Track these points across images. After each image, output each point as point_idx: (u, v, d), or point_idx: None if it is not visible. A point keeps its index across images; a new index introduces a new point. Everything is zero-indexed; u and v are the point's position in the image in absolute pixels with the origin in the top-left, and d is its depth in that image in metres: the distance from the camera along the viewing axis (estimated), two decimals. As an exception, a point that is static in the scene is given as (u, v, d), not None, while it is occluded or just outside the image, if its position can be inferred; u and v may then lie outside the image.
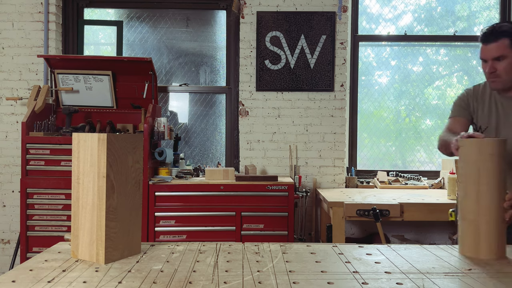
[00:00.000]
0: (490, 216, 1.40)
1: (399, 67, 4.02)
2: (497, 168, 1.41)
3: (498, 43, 1.71)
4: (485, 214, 1.41)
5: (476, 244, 1.42)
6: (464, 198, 1.45)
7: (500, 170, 1.41)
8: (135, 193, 1.41)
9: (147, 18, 3.92)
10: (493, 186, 1.41)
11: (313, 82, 3.70)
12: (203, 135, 3.95)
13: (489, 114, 1.84)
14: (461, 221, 1.46)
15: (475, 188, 1.42)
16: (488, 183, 1.41)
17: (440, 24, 4.00)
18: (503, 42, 1.71)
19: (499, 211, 1.41)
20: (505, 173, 1.42)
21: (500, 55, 1.72)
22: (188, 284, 1.13)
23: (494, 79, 1.76)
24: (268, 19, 3.70)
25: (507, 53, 1.71)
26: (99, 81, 3.48)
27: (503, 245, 1.43)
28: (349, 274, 1.23)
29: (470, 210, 1.43)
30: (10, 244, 3.60)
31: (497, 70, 1.73)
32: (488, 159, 1.41)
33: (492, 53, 1.72)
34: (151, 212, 3.14)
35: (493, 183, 1.41)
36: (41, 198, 3.14)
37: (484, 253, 1.40)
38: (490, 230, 1.41)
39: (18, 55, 3.62)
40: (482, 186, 1.41)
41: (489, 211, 1.41)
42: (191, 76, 3.95)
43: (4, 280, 1.14)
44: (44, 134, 3.18)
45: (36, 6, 3.61)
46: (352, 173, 3.79)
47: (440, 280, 1.18)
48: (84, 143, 1.34)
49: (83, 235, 1.34)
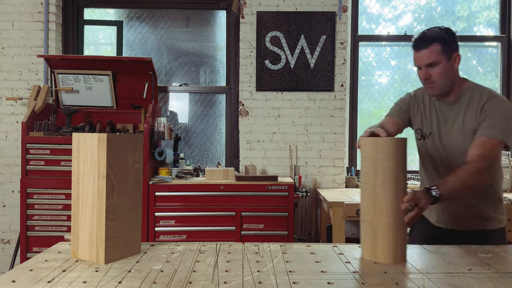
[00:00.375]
0: (386, 218, 1.33)
1: (399, 67, 4.02)
2: (394, 167, 1.33)
3: (429, 49, 1.65)
4: (381, 216, 1.33)
5: (373, 247, 1.35)
6: (363, 199, 1.39)
7: (399, 169, 1.34)
8: (135, 193, 1.41)
9: (147, 18, 3.92)
10: (390, 187, 1.33)
11: (313, 82, 3.70)
12: (203, 135, 3.95)
13: (430, 120, 1.80)
14: (361, 222, 1.40)
15: (372, 188, 1.35)
16: (384, 183, 1.33)
17: (440, 24, 3.99)
18: (435, 48, 1.65)
19: (396, 212, 1.33)
20: (404, 173, 1.37)
21: (433, 61, 1.66)
22: (188, 284, 1.13)
23: (430, 85, 1.71)
24: (268, 19, 3.70)
25: (440, 59, 1.66)
26: (99, 81, 3.48)
27: (402, 248, 1.35)
28: (349, 274, 1.23)
29: (367, 211, 1.36)
30: (10, 244, 3.60)
31: (431, 76, 1.68)
32: (384, 158, 1.33)
33: (424, 60, 1.67)
34: (151, 212, 3.14)
35: (390, 183, 1.33)
36: (41, 198, 3.14)
37: (381, 257, 1.33)
38: (386, 233, 1.33)
39: (18, 55, 3.62)
40: (379, 186, 1.33)
41: (385, 213, 1.33)
42: (191, 76, 3.95)
43: (4, 280, 1.14)
44: (44, 134, 3.18)
45: (36, 6, 3.61)
46: (352, 173, 3.79)
47: (440, 280, 1.18)
48: (84, 143, 1.34)
49: (83, 235, 1.34)
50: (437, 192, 1.44)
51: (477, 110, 1.68)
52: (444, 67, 1.67)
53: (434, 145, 1.78)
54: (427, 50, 1.66)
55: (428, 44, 1.66)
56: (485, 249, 1.49)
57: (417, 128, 1.86)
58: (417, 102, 1.86)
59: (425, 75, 1.69)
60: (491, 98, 1.68)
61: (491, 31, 3.99)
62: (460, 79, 1.77)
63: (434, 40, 1.66)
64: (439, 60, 1.66)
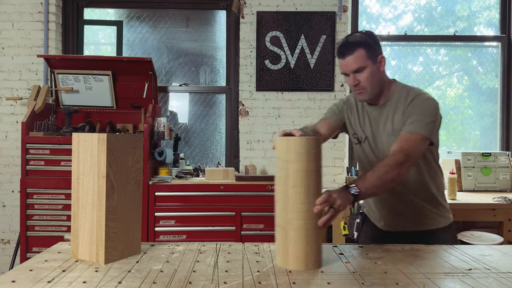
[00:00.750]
0: (297, 222, 1.26)
1: (399, 67, 4.02)
2: (306, 169, 1.26)
3: (354, 56, 1.63)
4: (292, 220, 1.26)
5: (285, 253, 1.28)
6: (276, 202, 1.32)
7: (311, 171, 1.27)
8: (135, 193, 1.41)
9: (147, 18, 3.91)
10: (301, 189, 1.26)
11: (313, 82, 3.70)
12: (203, 135, 3.95)
13: (364, 125, 1.79)
14: (275, 228, 1.33)
15: (284, 191, 1.28)
16: (296, 186, 1.26)
17: (440, 24, 4.00)
18: (359, 53, 1.63)
19: (308, 216, 1.26)
20: (318, 175, 1.31)
21: (359, 67, 1.64)
22: (188, 284, 1.13)
23: (359, 91, 1.69)
24: (268, 19, 3.70)
25: (366, 64, 1.64)
26: (99, 81, 3.48)
27: (315, 254, 1.28)
28: (349, 274, 1.22)
29: (280, 215, 1.30)
30: (10, 244, 3.60)
31: (360, 82, 1.66)
32: (295, 159, 1.27)
33: (351, 66, 1.65)
34: (151, 212, 3.14)
35: (301, 186, 1.26)
36: (41, 198, 3.13)
37: (292, 263, 1.27)
38: (297, 238, 1.26)
39: (18, 55, 3.62)
40: (290, 188, 1.27)
41: (296, 217, 1.26)
42: (191, 76, 3.95)
43: (4, 280, 1.14)
44: (44, 134, 3.18)
45: (36, 6, 3.61)
46: (352, 173, 3.79)
47: (440, 280, 1.17)
48: (84, 143, 1.34)
49: (83, 235, 1.34)
50: (356, 190, 1.40)
51: (403, 110, 1.67)
52: (371, 71, 1.65)
53: (371, 149, 1.77)
54: (352, 56, 1.63)
55: (352, 50, 1.63)
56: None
57: (353, 133, 1.85)
58: (350, 107, 1.85)
59: (354, 81, 1.66)
60: (416, 96, 1.67)
61: (491, 31, 3.99)
62: (388, 80, 1.76)
63: (357, 45, 1.64)
64: (366, 65, 1.64)
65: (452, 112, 4.05)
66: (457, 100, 4.07)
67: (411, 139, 1.57)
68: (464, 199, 3.14)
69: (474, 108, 4.05)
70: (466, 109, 4.06)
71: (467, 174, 3.53)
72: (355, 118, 1.83)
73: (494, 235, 3.00)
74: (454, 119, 4.05)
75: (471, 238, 2.94)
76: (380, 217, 1.82)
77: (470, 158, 3.54)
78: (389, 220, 1.80)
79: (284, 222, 1.28)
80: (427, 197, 1.75)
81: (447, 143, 4.05)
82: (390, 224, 1.80)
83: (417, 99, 1.66)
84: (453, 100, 4.07)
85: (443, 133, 4.06)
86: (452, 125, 4.07)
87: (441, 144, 4.03)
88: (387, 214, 1.80)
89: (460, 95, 4.08)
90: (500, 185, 3.52)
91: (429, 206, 1.75)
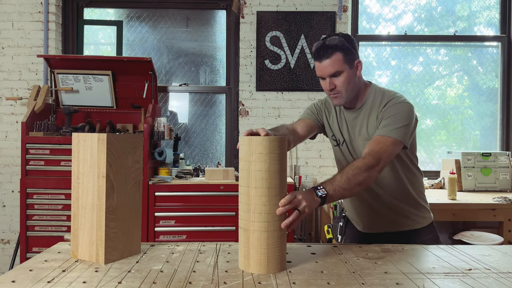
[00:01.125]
0: (258, 224, 1.23)
1: (399, 67, 4.02)
2: (268, 169, 1.23)
3: (331, 59, 1.60)
4: (254, 223, 1.23)
5: (246, 256, 1.25)
6: (239, 204, 1.28)
7: (274, 172, 1.24)
8: (135, 193, 1.41)
9: (147, 18, 3.91)
10: (262, 190, 1.23)
11: (313, 82, 3.70)
12: (203, 135, 3.95)
13: (341, 128, 1.79)
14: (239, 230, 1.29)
15: (247, 193, 1.25)
16: (258, 187, 1.23)
17: (440, 24, 4.00)
18: (337, 57, 1.60)
19: (269, 218, 1.23)
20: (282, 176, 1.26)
21: (336, 71, 1.61)
22: (188, 284, 1.13)
23: (335, 95, 1.66)
24: (268, 19, 3.70)
25: (343, 68, 1.61)
26: (99, 81, 3.48)
27: (277, 258, 1.24)
28: (349, 274, 1.22)
29: (242, 217, 1.26)
30: (10, 244, 3.60)
31: (336, 86, 1.64)
32: (257, 159, 1.23)
33: (327, 70, 1.61)
34: (151, 212, 3.14)
35: (263, 187, 1.23)
36: (41, 198, 3.13)
37: (253, 267, 1.23)
38: (258, 241, 1.23)
39: (18, 55, 3.62)
40: (252, 189, 1.24)
41: (257, 219, 1.23)
42: (191, 76, 3.95)
43: (4, 280, 1.14)
44: (44, 134, 3.18)
45: (36, 6, 3.61)
46: (352, 173, 3.78)
47: (440, 280, 1.17)
48: (84, 143, 1.34)
49: (83, 235, 1.34)
50: (324, 192, 1.36)
51: (377, 113, 1.66)
52: (347, 76, 1.63)
53: (349, 152, 1.77)
54: (329, 60, 1.60)
55: (330, 54, 1.60)
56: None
57: (331, 135, 1.84)
58: (328, 109, 1.84)
59: (330, 85, 1.64)
60: (389, 100, 1.65)
61: (491, 31, 3.99)
62: (365, 84, 1.75)
63: (335, 49, 1.60)
64: (342, 69, 1.62)
65: (452, 112, 4.05)
66: (457, 100, 4.07)
67: (383, 142, 1.55)
68: (464, 199, 3.14)
69: (474, 108, 4.05)
70: (466, 109, 4.06)
71: (467, 174, 3.53)
72: (334, 121, 1.81)
73: (494, 235, 3.00)
74: (454, 119, 4.05)
75: (471, 238, 2.94)
76: (358, 219, 1.83)
77: (470, 158, 3.54)
78: (367, 222, 1.80)
79: (245, 224, 1.25)
80: (405, 198, 1.74)
81: (447, 143, 4.05)
82: (369, 226, 1.80)
83: (390, 103, 1.65)
84: (453, 100, 4.07)
85: (443, 133, 4.06)
86: (452, 125, 4.06)
87: (441, 144, 4.03)
88: (365, 216, 1.80)
89: (460, 95, 4.08)
90: (500, 185, 3.52)
91: (408, 207, 1.75)
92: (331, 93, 1.67)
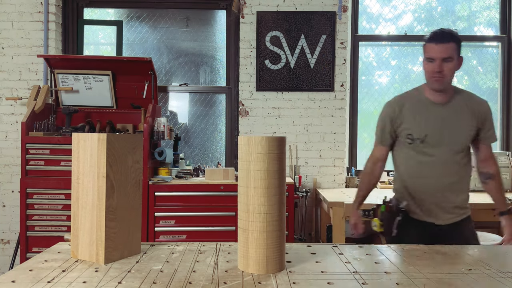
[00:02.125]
0: (257, 224, 1.24)
1: (399, 67, 4.02)
2: (266, 169, 1.23)
3: (449, 45, 1.82)
4: (253, 223, 1.24)
5: (245, 256, 1.25)
6: (238, 205, 1.29)
7: (272, 172, 1.24)
8: (135, 193, 1.41)
9: (147, 18, 3.91)
10: (261, 190, 1.23)
11: (313, 82, 3.70)
12: (203, 135, 3.95)
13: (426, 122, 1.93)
14: (238, 231, 1.30)
15: (246, 193, 1.25)
16: (256, 187, 1.24)
17: (440, 24, 4.00)
18: (452, 45, 1.83)
19: (267, 218, 1.24)
20: (281, 175, 1.27)
21: (449, 56, 1.82)
22: (188, 284, 1.13)
23: (439, 78, 1.85)
24: (268, 19, 3.70)
25: (454, 56, 1.84)
26: (99, 81, 3.48)
27: (276, 258, 1.25)
28: (349, 274, 1.22)
29: (242, 217, 1.27)
30: (10, 244, 3.60)
31: (444, 70, 1.83)
32: (256, 159, 1.24)
33: (443, 53, 1.82)
34: (151, 212, 3.14)
35: (261, 187, 1.23)
36: (40, 198, 3.13)
37: (251, 267, 1.24)
38: (256, 241, 1.24)
39: (18, 55, 3.62)
40: (251, 190, 1.24)
41: (256, 219, 1.24)
42: (191, 76, 3.95)
43: (4, 280, 1.14)
44: (44, 134, 3.18)
45: (36, 6, 3.61)
46: (352, 173, 3.78)
47: (440, 280, 1.17)
48: (84, 143, 1.34)
49: (83, 235, 1.34)
50: None
51: (474, 112, 1.91)
52: (454, 65, 1.85)
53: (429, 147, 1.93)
54: (447, 44, 1.81)
55: (448, 40, 1.82)
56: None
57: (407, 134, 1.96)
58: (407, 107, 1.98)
59: (439, 67, 1.83)
60: (486, 102, 1.93)
61: (491, 31, 3.99)
62: None
63: (453, 38, 1.83)
64: (454, 57, 1.83)
65: (452, 112, 4.04)
66: (457, 100, 4.07)
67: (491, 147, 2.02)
68: (464, 199, 3.13)
69: (474, 108, 4.04)
70: (466, 109, 4.06)
71: (467, 174, 3.52)
72: (415, 117, 1.95)
73: (494, 235, 2.99)
74: (454, 119, 4.04)
75: (471, 238, 2.94)
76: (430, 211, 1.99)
77: (470, 158, 3.53)
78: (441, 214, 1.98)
79: (244, 224, 1.26)
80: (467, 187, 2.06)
81: (447, 143, 4.04)
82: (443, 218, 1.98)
83: (487, 106, 1.95)
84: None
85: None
86: (452, 125, 4.06)
87: (441, 144, 4.03)
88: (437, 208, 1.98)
89: (460, 95, 4.08)
90: (500, 185, 3.51)
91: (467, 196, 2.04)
92: (436, 75, 1.85)
